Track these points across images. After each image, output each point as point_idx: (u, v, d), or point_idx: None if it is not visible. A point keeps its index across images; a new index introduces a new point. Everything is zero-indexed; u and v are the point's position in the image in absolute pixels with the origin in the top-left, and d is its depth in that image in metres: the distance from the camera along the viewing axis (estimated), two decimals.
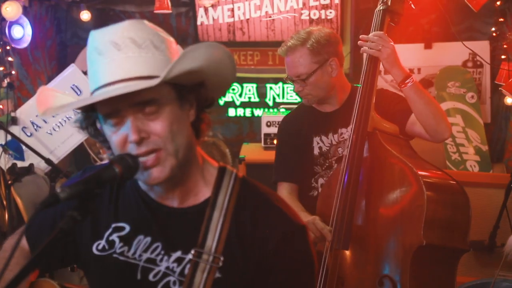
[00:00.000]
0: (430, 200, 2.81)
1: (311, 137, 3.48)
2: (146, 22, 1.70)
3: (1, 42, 4.60)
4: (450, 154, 5.39)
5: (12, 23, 4.63)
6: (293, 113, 3.74)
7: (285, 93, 6.14)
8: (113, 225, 1.84)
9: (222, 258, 1.74)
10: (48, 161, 4.41)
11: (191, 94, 1.73)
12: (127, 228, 1.83)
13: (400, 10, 3.26)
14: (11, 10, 4.50)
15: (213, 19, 5.86)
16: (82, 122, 1.78)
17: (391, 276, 2.88)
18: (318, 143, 3.47)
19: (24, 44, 4.77)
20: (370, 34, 3.20)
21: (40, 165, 4.60)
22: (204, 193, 1.82)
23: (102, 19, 5.89)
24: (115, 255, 1.82)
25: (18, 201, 4.50)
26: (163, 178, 1.70)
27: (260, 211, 1.80)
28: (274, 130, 5.13)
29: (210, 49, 1.66)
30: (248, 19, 5.74)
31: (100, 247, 1.84)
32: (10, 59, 4.69)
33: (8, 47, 4.65)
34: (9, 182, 4.38)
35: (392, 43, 3.14)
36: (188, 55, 1.62)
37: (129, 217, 1.84)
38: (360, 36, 3.25)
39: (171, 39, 1.74)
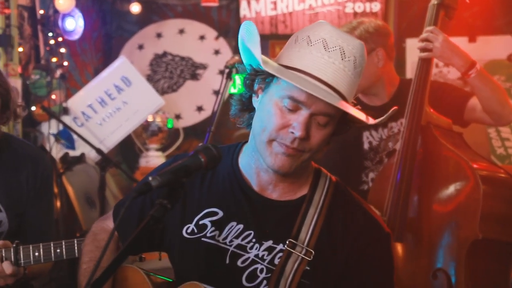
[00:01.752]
0: (486, 193, 2.82)
1: (361, 131, 3.49)
2: (365, 49, 1.83)
3: (54, 34, 4.69)
4: (495, 148, 5.36)
5: (65, 15, 4.72)
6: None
7: None
8: (206, 210, 1.92)
9: (313, 252, 1.82)
10: (98, 150, 4.52)
11: (349, 122, 1.87)
12: (220, 213, 1.91)
13: (454, 4, 3.24)
14: (64, 3, 4.60)
15: (256, 12, 5.89)
16: (249, 75, 1.85)
17: (445, 269, 2.89)
18: (368, 137, 3.49)
19: (76, 36, 4.87)
20: (424, 33, 3.18)
21: (90, 155, 4.70)
22: (301, 190, 1.91)
23: (145, 12, 5.97)
24: (204, 239, 1.90)
25: (69, 189, 4.61)
26: (287, 170, 1.80)
27: (352, 214, 1.90)
28: None
29: None
30: (291, 12, 5.76)
31: (189, 230, 1.92)
32: (62, 50, 4.79)
33: (60, 39, 4.74)
34: (61, 171, 4.49)
35: (443, 37, 3.09)
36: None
37: (223, 203, 1.92)
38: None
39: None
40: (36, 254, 2.53)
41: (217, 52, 5.86)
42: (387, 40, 3.41)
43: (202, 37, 5.93)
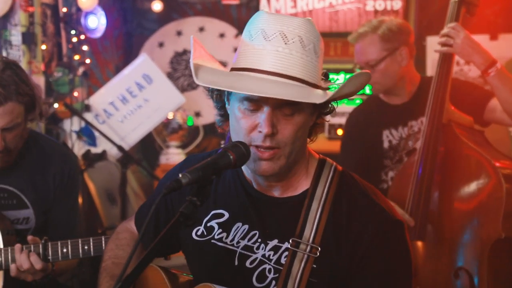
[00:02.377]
0: (509, 192, 2.81)
1: (380, 130, 3.49)
2: (313, 22, 1.74)
3: (76, 32, 4.73)
4: None
5: (87, 13, 4.76)
6: (362, 106, 3.76)
7: None
8: (212, 212, 1.90)
9: (319, 249, 1.77)
10: (120, 147, 4.56)
11: (325, 104, 1.77)
12: (226, 215, 1.89)
13: (476, 1, 3.23)
14: (87, 1, 4.64)
15: (275, 9, 5.89)
16: (211, 89, 1.82)
17: (467, 268, 2.89)
18: (387, 136, 3.48)
19: (98, 33, 4.91)
20: (445, 29, 3.18)
21: (112, 152, 4.74)
22: (303, 184, 1.85)
23: (165, 10, 5.99)
24: (213, 241, 1.88)
25: (91, 186, 4.65)
26: (271, 172, 1.76)
27: (357, 204, 1.81)
28: (338, 120, 5.16)
29: (367, 77, 1.75)
30: (311, 10, 5.76)
31: (199, 232, 1.90)
32: (84, 48, 4.83)
33: (82, 37, 4.78)
34: (83, 167, 4.53)
35: (464, 34, 3.09)
36: (352, 82, 1.70)
37: (229, 204, 1.89)
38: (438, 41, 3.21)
39: (322, 45, 1.79)
40: (64, 250, 2.57)
41: (236, 50, 5.87)
42: (409, 38, 3.41)
43: (222, 35, 5.95)
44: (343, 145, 3.69)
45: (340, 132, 5.09)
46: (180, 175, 1.58)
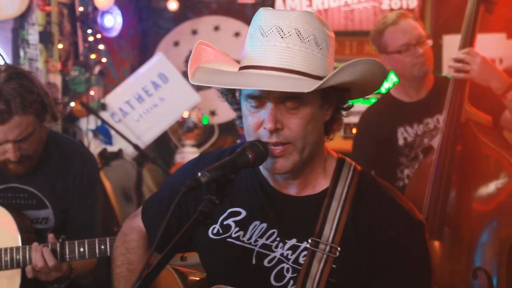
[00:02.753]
0: None
1: (395, 128, 3.48)
2: (315, 14, 1.72)
3: (92, 31, 4.76)
4: None
5: (103, 12, 4.79)
6: (376, 104, 3.74)
7: None
8: (229, 210, 1.88)
9: (339, 249, 1.75)
10: (135, 146, 4.58)
11: (334, 97, 1.75)
12: (243, 213, 1.87)
13: None
14: (103, 0, 4.66)
15: (291, 8, 5.88)
16: (223, 89, 1.82)
17: (485, 268, 2.87)
18: (402, 133, 3.47)
19: (114, 32, 4.93)
20: (459, 53, 3.10)
21: (127, 150, 4.76)
22: (322, 183, 1.83)
23: (181, 9, 6.01)
24: (229, 240, 1.86)
25: (107, 184, 4.67)
26: (285, 170, 1.75)
27: (378, 205, 1.79)
28: (353, 119, 5.15)
29: (368, 65, 1.68)
30: (326, 9, 5.74)
31: (215, 231, 1.89)
32: (100, 47, 4.86)
33: (98, 36, 4.81)
34: (99, 166, 4.55)
35: (480, 59, 3.02)
36: (346, 70, 1.65)
37: (245, 202, 1.87)
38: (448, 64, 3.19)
39: (332, 35, 1.76)
40: (81, 249, 2.58)
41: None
42: None
43: (237, 34, 5.95)
44: (356, 143, 3.69)
45: (355, 131, 5.08)
46: (199, 174, 1.58)
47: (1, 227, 2.64)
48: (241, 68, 1.74)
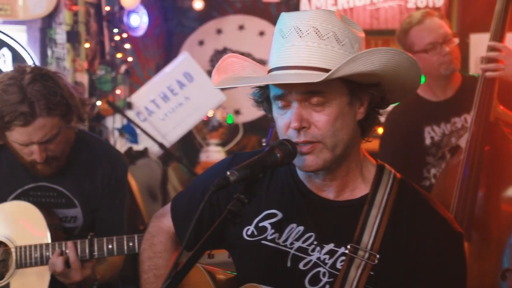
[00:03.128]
0: None
1: (422, 127, 3.45)
2: (336, 13, 1.72)
3: (119, 30, 4.79)
4: None
5: (130, 12, 4.82)
6: (402, 104, 3.71)
7: None
8: (265, 212, 1.87)
9: (378, 256, 1.74)
10: (161, 145, 4.60)
11: (363, 93, 1.72)
12: (279, 215, 1.86)
13: None
14: (129, 0, 4.70)
15: (316, 7, 5.87)
16: (257, 97, 1.84)
17: None
18: (429, 133, 3.45)
19: (140, 32, 4.97)
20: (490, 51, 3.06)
21: (153, 149, 4.79)
22: (361, 189, 1.82)
23: (205, 9, 6.02)
24: (264, 242, 1.85)
25: (132, 183, 4.69)
26: (315, 168, 1.74)
27: (418, 214, 1.78)
28: (380, 118, 5.13)
29: (389, 55, 1.66)
30: (352, 8, 5.72)
31: (249, 232, 1.88)
32: (126, 46, 4.89)
33: (124, 35, 4.84)
34: None
35: None
36: (361, 58, 1.63)
37: (282, 204, 1.86)
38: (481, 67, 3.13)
39: (362, 35, 1.75)
40: (110, 246, 2.59)
41: None
42: None
43: (261, 33, 5.95)
44: (383, 143, 3.66)
45: (380, 130, 5.05)
46: (228, 173, 1.58)
47: (31, 224, 2.66)
48: (268, 72, 1.75)
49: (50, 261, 2.56)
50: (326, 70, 1.65)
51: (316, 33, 1.67)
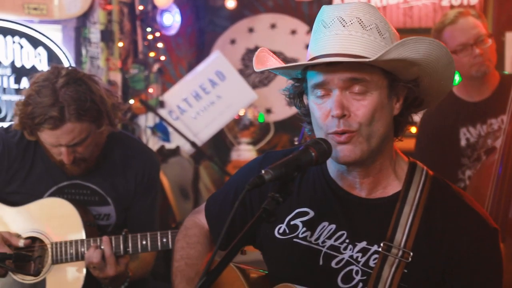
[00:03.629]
0: None
1: (457, 128, 3.41)
2: (375, 7, 1.72)
3: (152, 29, 4.83)
4: None
5: (163, 11, 4.85)
6: (438, 104, 3.68)
7: None
8: (296, 210, 1.87)
9: (411, 254, 1.73)
10: (193, 143, 4.63)
11: (401, 88, 1.72)
12: (311, 213, 1.86)
13: None
14: None
15: None
16: (290, 92, 1.84)
17: None
18: (465, 134, 3.40)
19: (173, 31, 5.00)
20: None
21: (185, 148, 4.82)
22: (393, 186, 1.81)
23: (237, 7, 6.04)
24: (296, 240, 1.86)
25: (164, 181, 4.73)
26: (353, 158, 1.72)
27: (452, 210, 1.77)
28: (415, 118, 5.09)
29: (432, 45, 1.67)
30: (385, 6, 5.68)
31: (281, 230, 1.88)
32: (159, 45, 4.93)
33: (157, 34, 4.88)
34: None
35: None
36: (409, 44, 1.64)
37: (314, 203, 1.86)
38: None
39: (397, 34, 1.75)
40: (144, 242, 2.62)
41: (308, 46, 5.85)
42: None
43: (293, 32, 5.95)
44: (418, 144, 3.63)
45: (413, 130, 5.01)
46: (263, 172, 1.58)
47: (66, 221, 2.70)
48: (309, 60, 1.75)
49: (86, 254, 2.59)
50: (367, 58, 1.66)
51: (360, 23, 1.68)
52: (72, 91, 2.54)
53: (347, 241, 1.81)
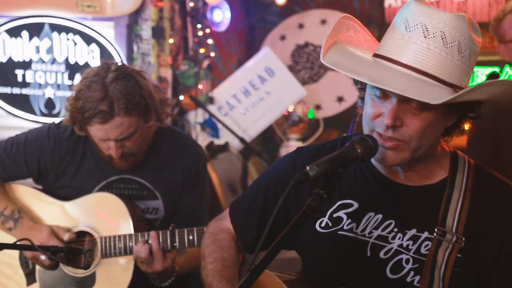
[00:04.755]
0: None
1: None
2: (466, 19, 1.66)
3: (202, 26, 4.85)
4: None
5: (213, 7, 4.87)
6: None
7: (477, 77, 5.89)
8: (339, 203, 1.86)
9: (463, 239, 1.73)
10: (241, 139, 4.63)
11: (462, 106, 1.70)
12: (355, 205, 1.85)
13: None
14: None
15: (402, 1, 5.74)
16: None
17: None
18: None
19: (223, 27, 5.01)
20: None
21: (234, 143, 4.83)
22: (439, 175, 1.81)
23: (288, 3, 6.01)
24: (341, 232, 1.84)
25: (213, 176, 4.76)
26: (392, 164, 1.73)
27: (502, 195, 1.77)
28: None
29: (506, 86, 1.63)
30: (438, 1, 5.56)
31: (323, 224, 1.86)
32: (209, 41, 4.95)
33: (207, 30, 4.90)
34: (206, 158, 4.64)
35: None
36: (482, 88, 1.61)
37: (357, 194, 1.85)
38: None
39: (479, 42, 1.70)
40: (190, 237, 2.63)
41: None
42: None
43: None
44: (470, 141, 3.52)
45: (466, 126, 4.88)
46: (307, 168, 1.57)
47: (115, 215, 2.74)
48: (376, 55, 1.72)
49: (134, 248, 2.62)
50: (439, 80, 1.63)
51: (442, 38, 1.63)
52: (122, 86, 2.58)
53: (395, 230, 1.80)
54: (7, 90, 4.47)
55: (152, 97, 2.66)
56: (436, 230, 1.75)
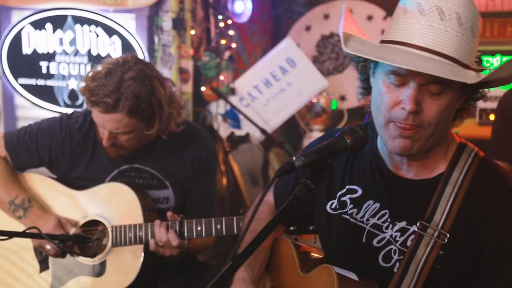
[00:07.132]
0: None
1: None
2: (474, 3, 1.67)
3: (224, 17, 4.86)
4: None
5: None
6: None
7: None
8: (348, 187, 1.91)
9: (448, 235, 1.71)
10: (263, 130, 4.63)
11: (471, 88, 1.69)
12: (359, 191, 1.89)
13: None
14: None
15: None
16: (355, 58, 1.80)
17: None
18: None
19: (244, 18, 5.01)
20: None
21: (255, 134, 4.84)
22: (440, 168, 1.79)
23: None
24: (345, 216, 1.90)
25: (235, 167, 4.78)
26: (408, 152, 1.72)
27: (495, 194, 1.73)
28: (490, 105, 4.87)
29: None
30: None
31: (333, 206, 1.93)
32: (231, 33, 4.95)
33: (229, 22, 4.91)
34: (227, 149, 4.66)
35: None
36: (506, 67, 1.60)
37: (363, 181, 1.89)
38: None
39: (480, 28, 1.71)
40: (199, 228, 2.67)
41: (384, 32, 5.72)
42: None
43: (369, 17, 5.83)
44: (495, 132, 3.44)
45: (492, 117, 4.79)
46: (293, 158, 1.59)
47: (125, 205, 2.78)
48: (389, 41, 1.69)
49: (156, 233, 2.65)
50: (457, 61, 1.63)
51: (458, 20, 1.64)
52: (136, 87, 2.59)
53: (388, 220, 1.82)
54: (32, 81, 4.56)
55: (162, 108, 2.67)
56: (418, 224, 1.75)
